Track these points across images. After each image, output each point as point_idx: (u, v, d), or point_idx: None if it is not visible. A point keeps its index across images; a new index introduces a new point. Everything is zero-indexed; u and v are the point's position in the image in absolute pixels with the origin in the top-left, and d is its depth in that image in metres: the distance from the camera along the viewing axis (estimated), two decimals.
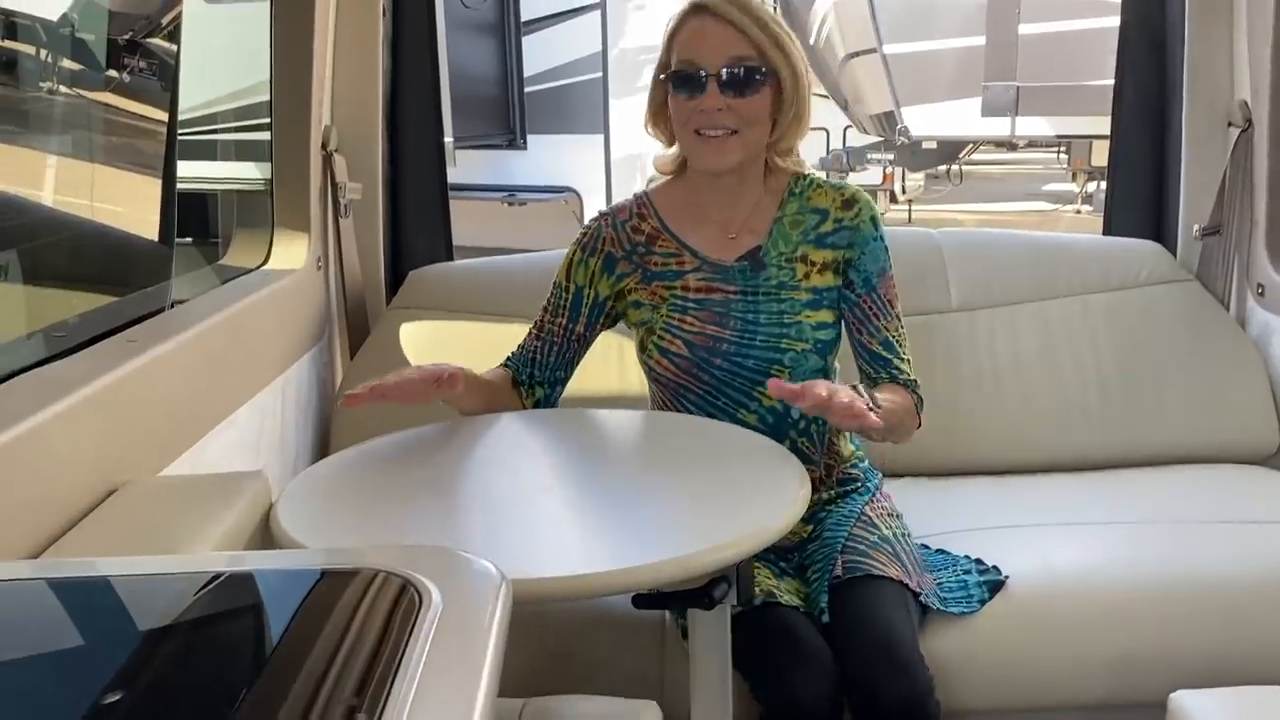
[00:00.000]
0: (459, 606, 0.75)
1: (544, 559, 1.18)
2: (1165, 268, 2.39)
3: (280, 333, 2.08)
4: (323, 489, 1.39)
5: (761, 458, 1.47)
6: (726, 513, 1.31)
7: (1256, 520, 1.93)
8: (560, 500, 1.37)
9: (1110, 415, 2.24)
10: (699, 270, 1.69)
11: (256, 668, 0.71)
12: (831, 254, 1.68)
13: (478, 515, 1.33)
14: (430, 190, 2.51)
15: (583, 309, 1.73)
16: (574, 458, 1.57)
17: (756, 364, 1.66)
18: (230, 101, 2.71)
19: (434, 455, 1.51)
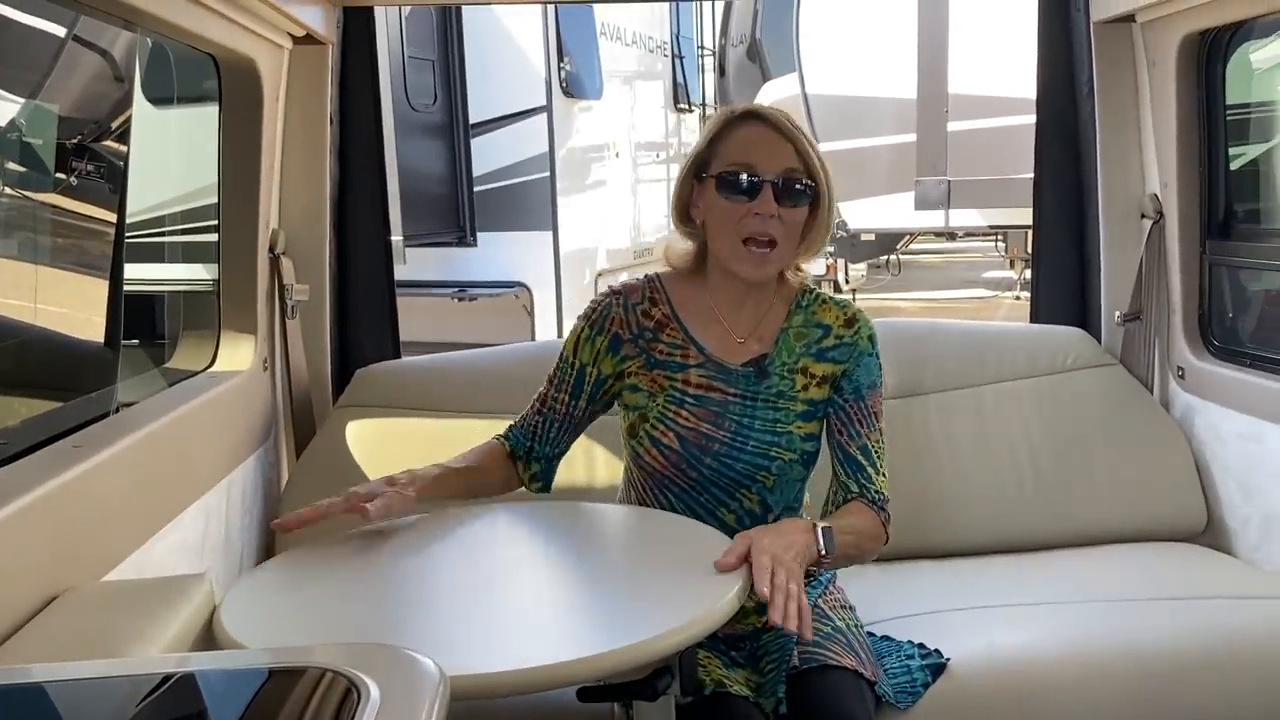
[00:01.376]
0: (397, 702, 0.77)
1: (486, 655, 1.19)
2: (1090, 353, 2.48)
3: (226, 434, 2.08)
4: (266, 591, 1.40)
5: (703, 548, 1.50)
6: (667, 604, 1.33)
7: (1190, 596, 1.99)
8: (503, 596, 1.39)
9: (1044, 496, 2.30)
10: (703, 367, 1.70)
11: None
12: (830, 368, 1.71)
13: (421, 613, 1.34)
14: (378, 289, 2.55)
15: (585, 386, 1.74)
16: (518, 553, 1.59)
17: (745, 468, 1.68)
18: (179, 204, 2.74)
19: (378, 555, 1.53)
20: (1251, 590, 2.01)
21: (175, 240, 2.79)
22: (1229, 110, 2.38)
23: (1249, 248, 2.40)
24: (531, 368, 2.42)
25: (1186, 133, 2.35)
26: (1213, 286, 2.43)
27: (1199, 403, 2.37)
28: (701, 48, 8.51)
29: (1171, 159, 2.37)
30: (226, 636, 1.22)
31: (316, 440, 2.31)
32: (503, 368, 2.43)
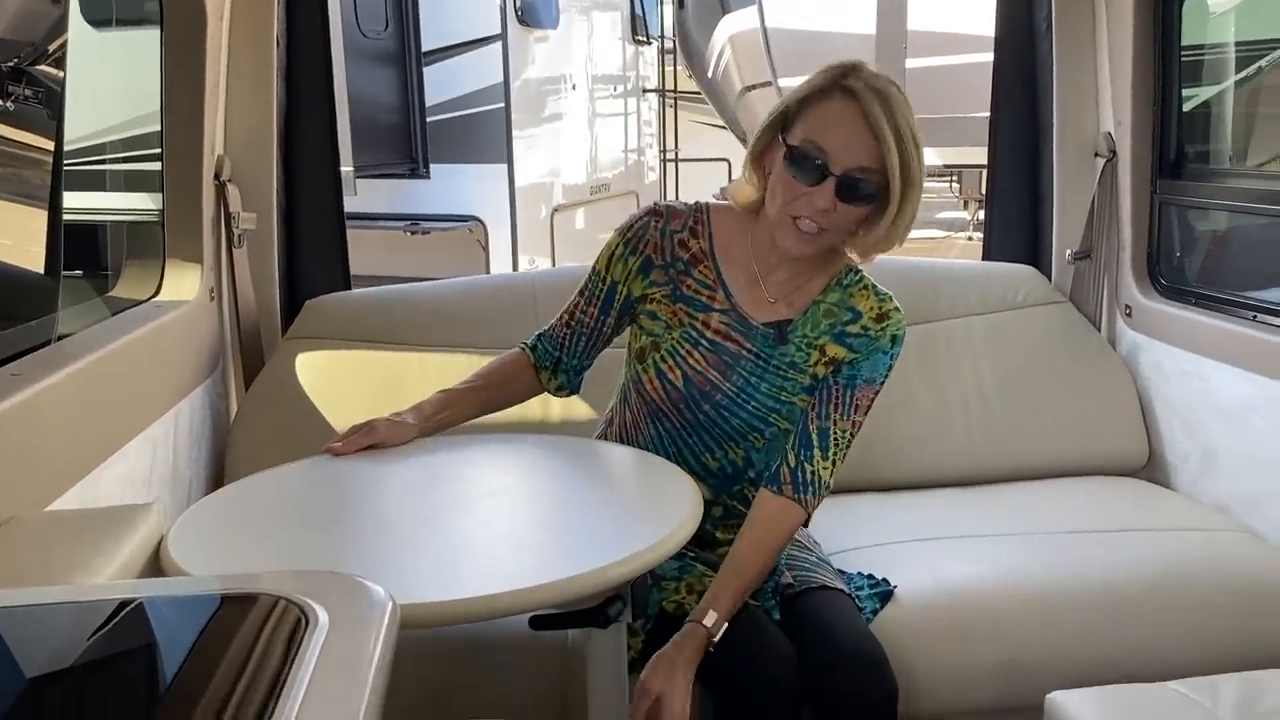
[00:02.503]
0: (346, 628, 0.77)
1: (437, 583, 1.19)
2: (1040, 291, 2.51)
3: (172, 365, 2.05)
4: (215, 520, 1.38)
5: (660, 483, 1.50)
6: (619, 534, 1.34)
7: (1129, 529, 2.04)
8: (454, 526, 1.39)
9: (991, 432, 2.34)
10: (726, 314, 1.67)
11: (141, 693, 0.71)
12: (845, 353, 1.66)
13: (372, 541, 1.33)
14: (327, 219, 2.50)
15: (615, 303, 1.71)
16: (473, 484, 1.59)
17: (740, 425, 1.67)
18: (120, 131, 2.66)
19: (331, 484, 1.52)
20: (1188, 523, 2.06)
21: (118, 168, 2.71)
22: (1184, 51, 2.39)
23: (1198, 187, 2.43)
24: (485, 300, 2.42)
25: (1141, 72, 2.36)
26: (1162, 226, 2.46)
27: (1145, 340, 2.41)
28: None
29: (1126, 98, 2.38)
30: (173, 565, 1.21)
31: (265, 372, 2.28)
32: (456, 300, 2.40)
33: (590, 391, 1.94)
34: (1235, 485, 2.16)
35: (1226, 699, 1.46)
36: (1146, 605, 1.82)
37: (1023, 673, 1.77)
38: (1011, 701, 1.79)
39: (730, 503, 1.73)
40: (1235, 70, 2.63)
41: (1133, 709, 1.45)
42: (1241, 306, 2.25)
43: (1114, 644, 1.79)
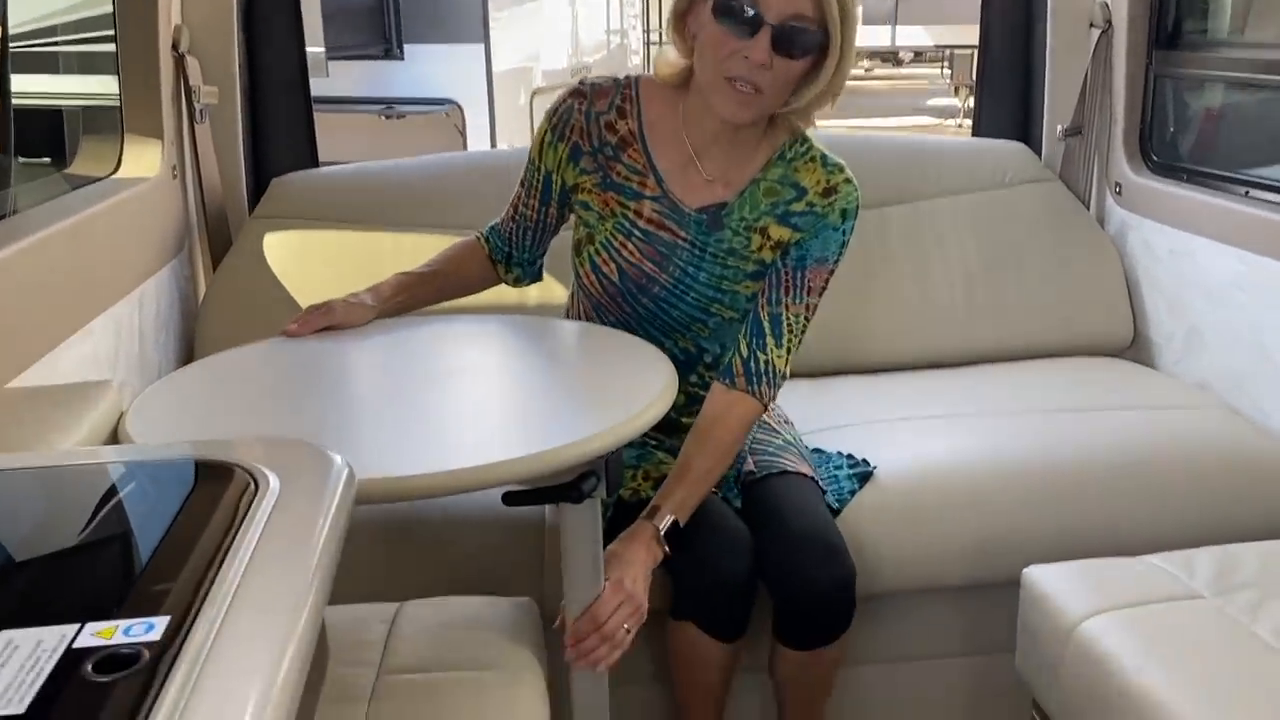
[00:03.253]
0: (298, 494, 0.74)
1: (406, 457, 1.16)
2: (1030, 168, 2.45)
3: (135, 243, 1.98)
4: (176, 396, 1.34)
5: (634, 360, 1.47)
6: (591, 410, 1.31)
7: (1108, 408, 2.02)
8: (423, 402, 1.35)
9: (976, 312, 2.31)
10: (658, 201, 1.57)
11: (76, 553, 0.68)
12: (790, 234, 1.55)
13: (339, 417, 1.30)
14: (293, 95, 2.40)
15: (553, 193, 1.63)
16: (443, 361, 1.55)
17: (681, 316, 1.61)
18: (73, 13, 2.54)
19: (299, 362, 1.48)
20: (1169, 401, 2.05)
21: (71, 50, 2.59)
22: None
23: (1195, 59, 2.35)
24: (458, 179, 2.35)
25: None
26: (1156, 100, 2.39)
27: (1134, 219, 2.37)
28: None
29: None
30: (128, 439, 1.18)
31: (232, 252, 2.22)
32: (426, 178, 2.33)
33: (566, 274, 1.89)
34: (1218, 364, 2.14)
35: (1202, 571, 1.46)
36: (1125, 482, 1.82)
37: (1000, 549, 1.77)
38: (988, 577, 1.79)
39: (691, 389, 1.69)
40: None
41: (1108, 581, 1.45)
42: (1234, 183, 2.20)
43: (1092, 520, 1.79)
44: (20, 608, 0.61)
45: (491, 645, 1.34)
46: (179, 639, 0.55)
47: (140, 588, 0.63)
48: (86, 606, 0.60)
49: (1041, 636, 1.45)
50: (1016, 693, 1.88)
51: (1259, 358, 2.03)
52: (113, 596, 0.62)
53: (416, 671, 1.29)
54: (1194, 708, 1.19)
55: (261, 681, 0.53)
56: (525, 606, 1.47)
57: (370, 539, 1.69)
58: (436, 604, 1.47)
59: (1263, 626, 1.33)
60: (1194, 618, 1.36)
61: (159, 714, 0.50)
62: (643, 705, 1.81)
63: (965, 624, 1.86)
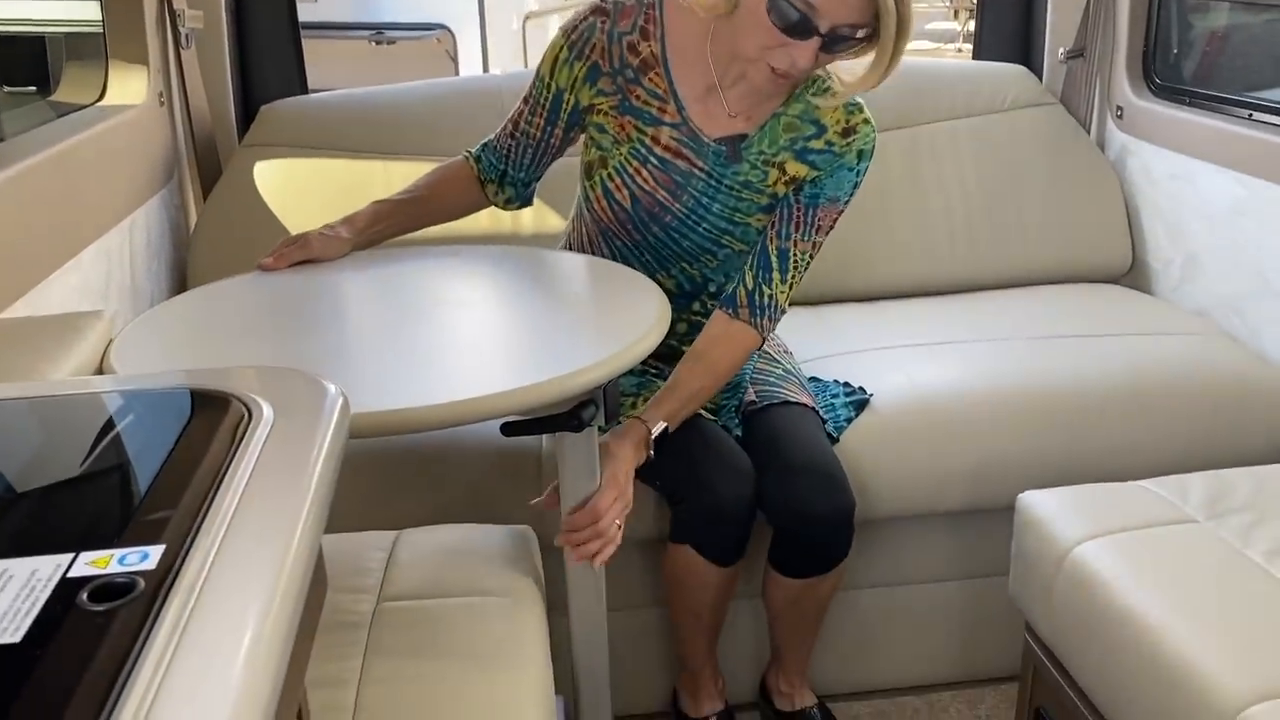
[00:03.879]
0: (292, 423, 0.73)
1: (404, 390, 1.16)
2: (1031, 91, 2.41)
3: (123, 172, 1.95)
4: (165, 326, 1.33)
5: (632, 294, 1.46)
6: (589, 340, 1.30)
7: (1105, 334, 2.02)
8: (422, 334, 1.34)
9: (974, 239, 2.29)
10: (677, 128, 1.54)
11: (71, 483, 0.68)
12: (807, 170, 1.55)
13: (334, 348, 1.29)
14: (279, 20, 2.35)
15: (561, 113, 1.57)
16: (440, 293, 1.53)
17: (691, 246, 1.60)
18: None
19: (293, 291, 1.46)
20: (1166, 328, 2.04)
21: None
22: None
23: None
24: (451, 104, 2.31)
25: None
26: (1160, 22, 2.34)
27: (1134, 143, 2.34)
28: None
29: None
30: (112, 369, 1.17)
31: (223, 181, 2.19)
32: (420, 104, 2.29)
33: (562, 202, 1.87)
34: (1217, 290, 2.14)
35: (1195, 496, 1.47)
36: (1120, 408, 1.82)
37: (995, 475, 1.78)
38: (984, 503, 1.81)
39: (693, 318, 1.69)
40: None
41: (1103, 506, 1.45)
42: (1237, 105, 2.17)
43: (1087, 446, 1.80)
44: (14, 538, 0.61)
45: (490, 572, 1.35)
46: (175, 567, 0.55)
47: (136, 517, 0.63)
48: (81, 536, 0.60)
49: (1036, 561, 1.46)
50: (1010, 617, 1.91)
51: (1257, 283, 2.02)
52: (108, 526, 0.62)
53: (415, 598, 1.30)
54: (1186, 629, 1.20)
55: (258, 608, 0.53)
56: (523, 534, 1.48)
57: (368, 470, 1.70)
58: (435, 532, 1.48)
59: (1255, 549, 1.34)
60: (1187, 542, 1.37)
61: (156, 642, 0.50)
62: (641, 629, 1.84)
63: (960, 549, 1.88)
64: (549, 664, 1.24)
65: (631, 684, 1.86)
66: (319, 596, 0.74)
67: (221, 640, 0.50)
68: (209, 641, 0.50)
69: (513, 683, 1.16)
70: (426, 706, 1.11)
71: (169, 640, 0.50)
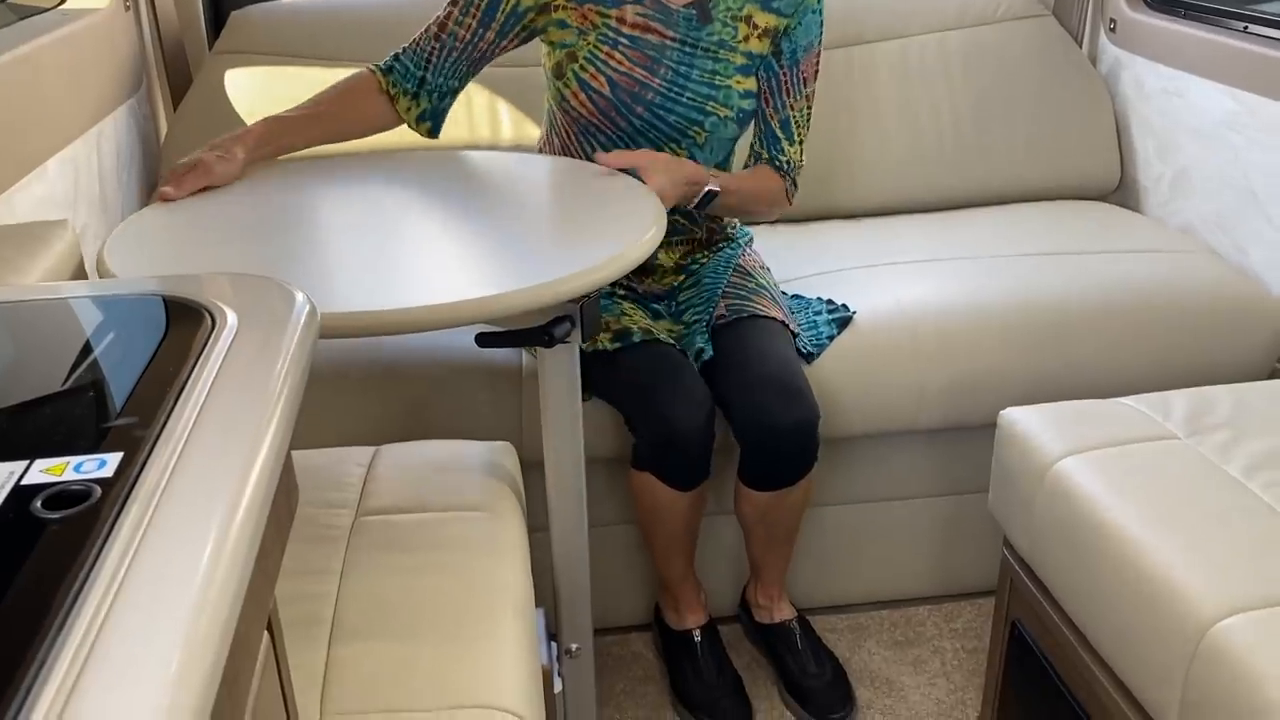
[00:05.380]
0: (256, 327, 0.71)
1: (374, 294, 1.13)
2: (1024, 3, 2.35)
3: (88, 79, 1.89)
4: (146, 234, 1.30)
5: (620, 196, 1.42)
6: (571, 250, 1.27)
7: (1088, 251, 2.00)
8: (397, 239, 1.31)
9: (963, 155, 2.25)
10: (640, 3, 1.55)
11: (30, 391, 0.66)
12: (774, 20, 1.60)
13: (308, 253, 1.26)
14: None
15: (498, 14, 1.52)
16: (419, 199, 1.50)
17: (678, 121, 1.59)
18: None
19: (270, 197, 1.43)
20: (1151, 245, 2.03)
21: None
22: None
23: None
24: (424, 8, 2.21)
25: None
26: None
27: (1127, 57, 2.29)
28: None
29: None
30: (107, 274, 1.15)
31: (193, 90, 2.12)
32: (394, 8, 2.21)
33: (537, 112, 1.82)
34: (1205, 207, 2.11)
35: (1177, 412, 1.47)
36: (1102, 325, 1.81)
37: (977, 392, 1.78)
38: (965, 420, 1.81)
39: (673, 218, 1.66)
40: None
41: (1084, 421, 1.45)
42: (1233, 18, 2.12)
43: (1070, 363, 1.79)
44: None
45: (470, 486, 1.34)
46: (133, 475, 0.53)
47: (95, 425, 0.61)
48: (38, 444, 0.58)
49: (1016, 477, 1.46)
50: (987, 532, 1.92)
51: (1245, 199, 2.00)
52: (65, 434, 0.60)
53: (394, 512, 1.29)
54: (1163, 543, 1.21)
55: (220, 515, 0.51)
56: (503, 449, 1.47)
57: (346, 388, 1.68)
58: (414, 447, 1.46)
59: (1234, 465, 1.34)
60: (1167, 458, 1.37)
61: (112, 551, 0.48)
62: (621, 543, 1.84)
63: (941, 466, 1.89)
64: (529, 576, 1.24)
65: (611, 600, 1.88)
66: (288, 507, 0.73)
67: (180, 549, 0.48)
68: (167, 550, 0.48)
69: (492, 592, 1.15)
70: (405, 617, 1.11)
71: (126, 548, 0.48)
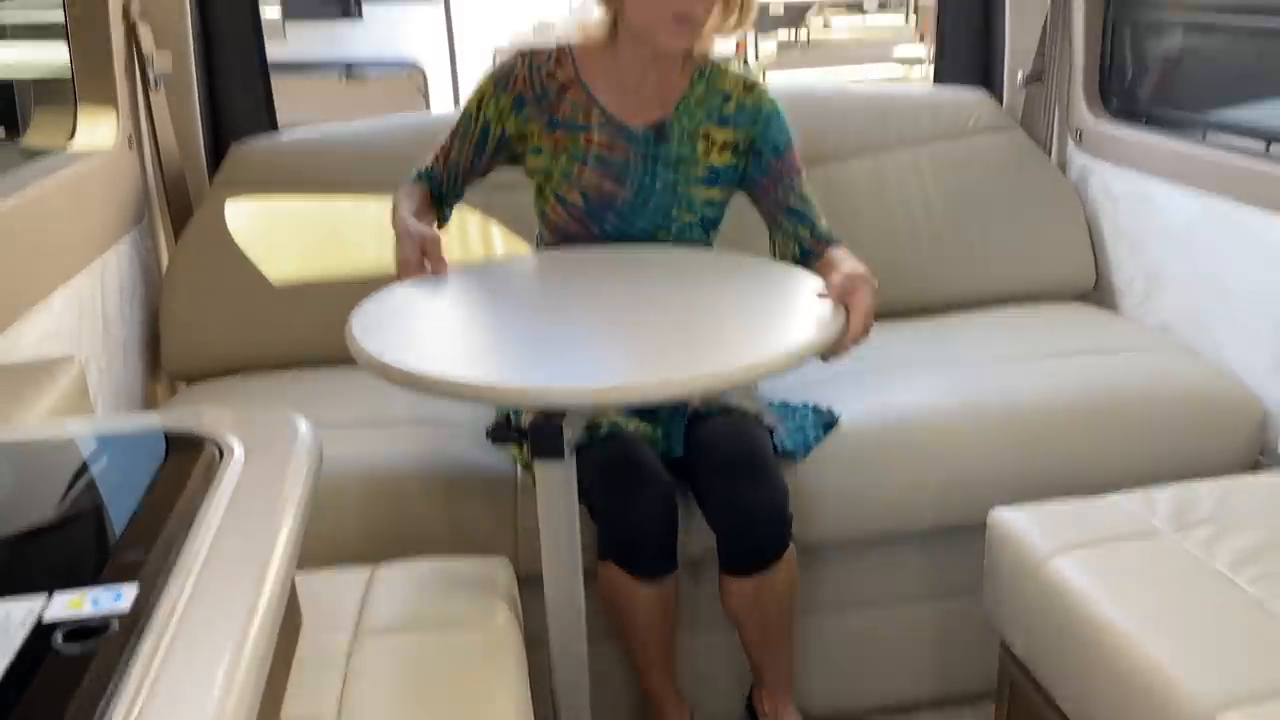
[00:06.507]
0: (263, 460, 0.74)
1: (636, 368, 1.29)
2: (991, 115, 2.46)
3: (93, 215, 1.96)
4: (390, 314, 1.43)
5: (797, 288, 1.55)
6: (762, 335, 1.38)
7: (1071, 352, 2.05)
8: (622, 323, 1.44)
9: (941, 261, 2.32)
10: (604, 127, 1.73)
11: (45, 526, 0.69)
12: (733, 133, 1.73)
13: (562, 335, 1.40)
14: (247, 57, 2.37)
15: (489, 141, 1.76)
16: (625, 284, 1.61)
17: (646, 225, 1.74)
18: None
19: (499, 290, 1.60)
20: (1130, 344, 2.08)
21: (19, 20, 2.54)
22: None
23: (1151, 2, 2.36)
24: (419, 140, 2.30)
25: None
26: (1114, 46, 2.40)
27: (1095, 163, 2.39)
28: None
29: None
30: (359, 349, 1.27)
31: (194, 221, 2.19)
32: (390, 140, 2.31)
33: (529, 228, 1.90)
34: (1178, 305, 2.17)
35: (1162, 508, 1.50)
36: (1087, 423, 1.85)
37: (966, 493, 1.80)
38: (955, 521, 1.82)
39: None
40: None
41: (1072, 521, 1.48)
42: (1192, 125, 2.22)
43: (1056, 462, 1.82)
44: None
45: (467, 604, 1.35)
46: (148, 607, 0.56)
47: (108, 558, 0.63)
48: (56, 578, 0.61)
49: (1008, 577, 1.48)
50: (984, 634, 1.92)
51: (1217, 298, 2.06)
52: (82, 567, 0.62)
53: (393, 633, 1.30)
54: (1157, 640, 1.22)
55: (231, 646, 0.53)
56: (499, 564, 1.48)
57: (343, 503, 1.70)
58: (409, 566, 1.48)
59: (1220, 560, 1.36)
60: (1155, 554, 1.39)
61: (129, 682, 0.50)
62: (621, 661, 1.84)
63: (933, 568, 1.90)
64: (528, 696, 1.25)
65: (610, 716, 1.86)
66: (293, 632, 0.75)
67: (194, 679, 0.51)
68: (182, 680, 0.51)
69: (492, 715, 1.16)
70: None
71: (142, 679, 0.51)
